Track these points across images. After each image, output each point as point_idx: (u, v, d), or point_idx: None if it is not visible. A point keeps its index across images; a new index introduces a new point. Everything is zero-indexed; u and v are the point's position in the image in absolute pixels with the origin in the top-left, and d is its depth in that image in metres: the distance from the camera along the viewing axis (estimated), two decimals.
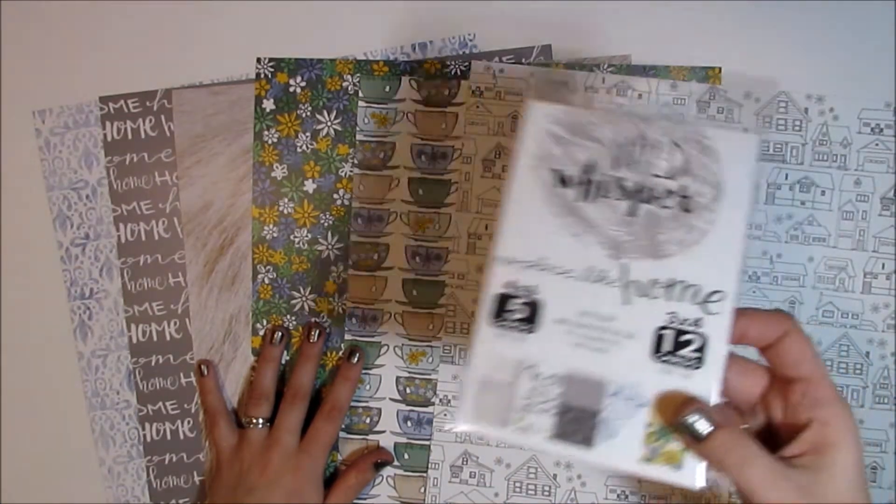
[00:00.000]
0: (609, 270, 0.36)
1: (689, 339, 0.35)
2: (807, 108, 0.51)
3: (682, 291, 0.36)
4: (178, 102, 0.54)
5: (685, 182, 0.37)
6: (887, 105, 0.50)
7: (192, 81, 0.53)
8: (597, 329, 0.35)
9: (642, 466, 0.35)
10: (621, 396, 0.35)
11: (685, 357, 0.35)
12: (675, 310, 0.35)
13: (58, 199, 0.54)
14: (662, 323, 0.35)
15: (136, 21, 0.54)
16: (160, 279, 0.54)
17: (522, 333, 0.36)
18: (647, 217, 0.37)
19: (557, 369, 0.35)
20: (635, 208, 0.37)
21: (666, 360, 0.35)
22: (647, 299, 0.36)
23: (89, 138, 0.54)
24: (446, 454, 0.53)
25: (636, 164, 0.37)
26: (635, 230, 0.36)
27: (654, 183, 0.37)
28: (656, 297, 0.36)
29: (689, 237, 0.36)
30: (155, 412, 0.54)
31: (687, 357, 0.35)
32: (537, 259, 0.36)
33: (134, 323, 0.54)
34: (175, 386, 0.54)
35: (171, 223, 0.54)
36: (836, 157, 0.51)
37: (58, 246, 0.54)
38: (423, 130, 0.52)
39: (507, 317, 0.36)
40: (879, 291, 0.51)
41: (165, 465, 0.54)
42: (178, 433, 0.54)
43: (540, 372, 0.35)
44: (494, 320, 0.36)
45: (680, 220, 0.36)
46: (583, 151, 0.37)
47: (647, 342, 0.35)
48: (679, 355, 0.35)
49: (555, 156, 0.37)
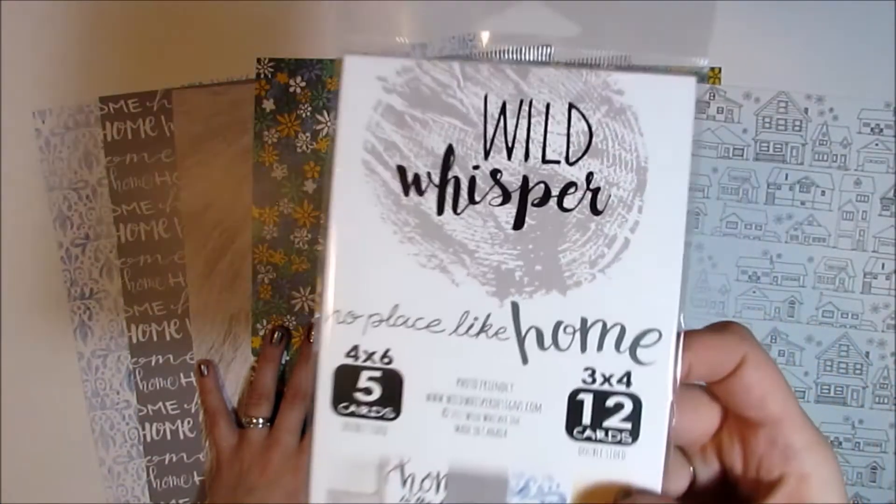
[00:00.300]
0: (493, 315, 0.25)
1: (617, 404, 0.25)
2: (807, 108, 0.51)
3: (602, 336, 0.25)
4: (178, 102, 0.54)
5: (592, 167, 0.25)
6: (887, 105, 0.50)
7: (192, 81, 0.53)
8: (486, 403, 0.26)
9: None
10: (531, 493, 0.26)
11: (613, 429, 0.25)
12: (594, 364, 0.25)
13: (58, 199, 0.54)
14: (577, 385, 0.25)
15: (136, 21, 0.54)
16: (160, 279, 0.54)
17: (380, 422, 0.26)
18: (540, 227, 0.26)
19: (437, 466, 0.26)
20: (522, 215, 0.26)
21: (588, 436, 0.25)
22: (554, 353, 0.25)
23: (89, 138, 0.54)
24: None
25: (517, 146, 0.25)
26: (526, 249, 0.25)
27: (545, 173, 0.25)
28: (565, 349, 0.25)
29: (604, 252, 0.25)
30: (155, 412, 0.54)
31: (616, 429, 0.25)
32: (386, 310, 0.26)
33: (134, 323, 0.54)
34: (175, 386, 0.54)
35: (171, 223, 0.54)
36: (836, 158, 0.50)
37: (58, 246, 0.54)
38: None
39: (355, 400, 0.26)
40: (879, 291, 0.51)
41: (165, 465, 0.54)
42: (178, 433, 0.54)
43: (413, 473, 0.26)
44: (337, 407, 0.26)
45: (589, 226, 0.25)
46: (435, 132, 0.26)
47: (558, 414, 0.25)
48: (605, 427, 0.25)
49: (392, 145, 0.26)
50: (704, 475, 0.29)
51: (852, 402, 0.51)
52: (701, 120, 0.51)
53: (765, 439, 0.27)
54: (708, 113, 0.51)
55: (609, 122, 0.26)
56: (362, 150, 0.26)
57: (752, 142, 0.51)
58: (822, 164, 0.51)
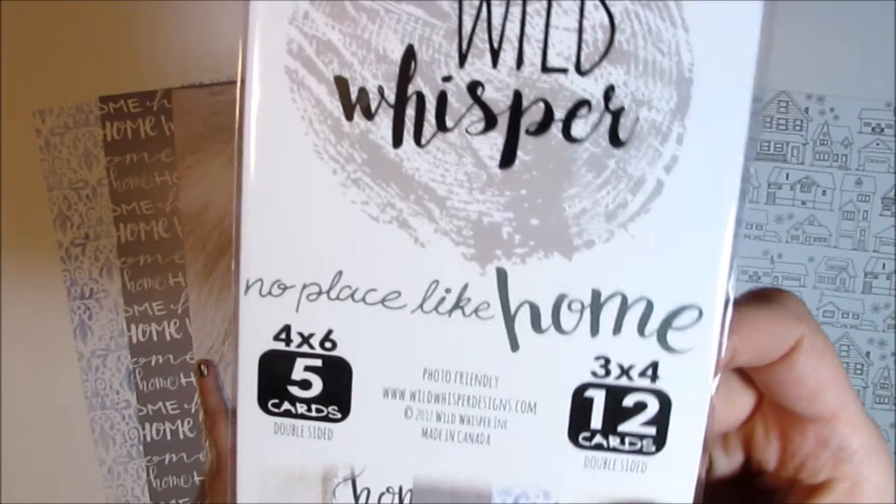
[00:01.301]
0: (472, 286, 0.19)
1: (638, 403, 0.19)
2: (807, 107, 0.51)
3: (621, 314, 0.19)
4: (178, 102, 0.54)
5: (613, 77, 0.18)
6: (888, 105, 0.50)
7: (192, 81, 0.53)
8: (462, 401, 0.19)
9: None
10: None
11: (632, 435, 0.19)
12: (608, 351, 0.19)
13: (58, 199, 0.54)
14: (585, 379, 0.19)
15: (136, 21, 0.54)
16: (160, 279, 0.54)
17: (324, 423, 0.20)
18: (538, 165, 0.18)
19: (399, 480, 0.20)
20: (512, 148, 0.18)
21: (597, 443, 0.19)
22: (554, 336, 0.19)
23: (89, 138, 0.54)
24: None
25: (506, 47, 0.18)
26: (517, 196, 0.18)
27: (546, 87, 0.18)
28: (570, 331, 0.19)
29: (627, 200, 0.18)
30: (155, 412, 0.54)
31: (635, 435, 0.19)
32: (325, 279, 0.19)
33: (134, 323, 0.54)
34: (175, 386, 0.54)
35: (171, 223, 0.54)
36: (837, 157, 0.50)
37: (58, 246, 0.54)
38: None
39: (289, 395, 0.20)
40: (880, 291, 0.51)
41: (165, 465, 0.54)
42: (178, 433, 0.54)
43: (367, 487, 0.20)
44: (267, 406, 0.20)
45: (607, 164, 0.18)
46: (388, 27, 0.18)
47: (559, 416, 0.19)
48: (620, 433, 0.19)
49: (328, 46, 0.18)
50: (723, 467, 0.24)
51: None
52: None
53: (814, 437, 0.22)
54: None
55: (640, 10, 0.17)
56: (284, 54, 0.18)
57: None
58: (823, 164, 0.50)
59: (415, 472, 0.20)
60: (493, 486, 0.20)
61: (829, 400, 0.22)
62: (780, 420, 0.23)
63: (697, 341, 0.19)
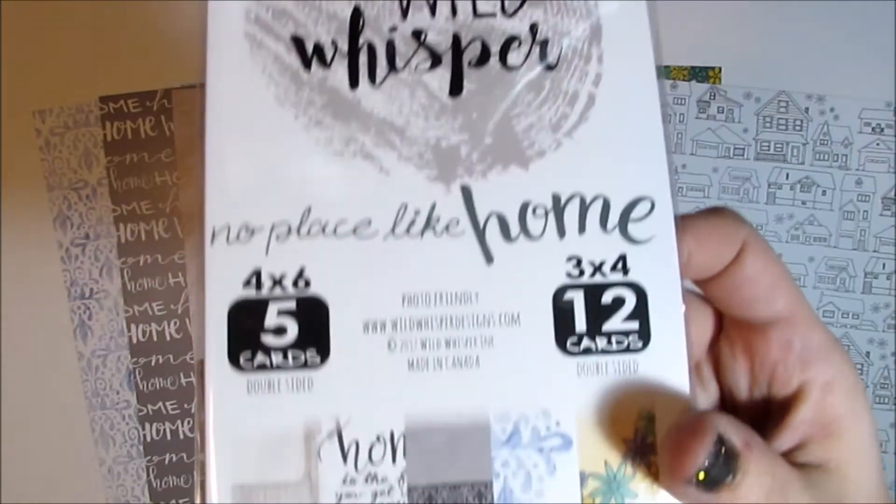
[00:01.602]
0: (440, 205, 0.20)
1: (616, 298, 0.20)
2: (807, 107, 0.51)
3: (582, 214, 0.20)
4: (178, 102, 0.54)
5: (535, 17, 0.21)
6: (888, 105, 0.50)
7: (192, 81, 0.53)
8: (445, 323, 0.19)
9: None
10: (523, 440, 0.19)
11: (617, 333, 0.20)
12: (577, 251, 0.20)
13: (58, 199, 0.54)
14: (561, 281, 0.20)
15: (136, 21, 0.54)
16: (160, 279, 0.54)
17: (303, 371, 0.19)
18: (483, 91, 0.20)
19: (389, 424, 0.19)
20: (459, 79, 0.20)
21: (586, 347, 0.20)
22: (524, 243, 0.20)
23: (89, 138, 0.54)
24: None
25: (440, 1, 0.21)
26: (469, 120, 0.20)
27: (480, 27, 0.20)
28: (538, 236, 0.20)
29: (567, 112, 0.20)
30: (155, 412, 0.54)
31: (620, 332, 0.20)
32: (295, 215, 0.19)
33: (134, 323, 0.54)
34: (175, 386, 0.54)
35: (171, 223, 0.54)
36: (837, 157, 0.50)
37: (58, 246, 0.54)
38: None
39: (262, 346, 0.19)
40: (880, 291, 0.51)
41: (165, 465, 0.54)
42: (178, 433, 0.54)
43: (355, 439, 0.19)
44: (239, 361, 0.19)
45: (543, 84, 0.20)
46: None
47: (543, 324, 0.20)
48: (605, 332, 0.20)
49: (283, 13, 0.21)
50: (702, 404, 0.24)
51: None
52: (702, 119, 0.51)
53: (777, 343, 0.22)
54: (709, 112, 0.51)
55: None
56: (244, 21, 0.21)
57: (752, 141, 0.51)
58: (823, 164, 0.50)
59: (406, 411, 0.19)
60: (489, 414, 0.19)
61: (784, 298, 0.22)
62: (742, 335, 0.23)
63: (656, 229, 0.20)
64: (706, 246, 0.21)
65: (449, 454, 0.19)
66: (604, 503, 0.19)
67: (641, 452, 0.19)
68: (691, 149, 0.51)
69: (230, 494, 0.19)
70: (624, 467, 0.19)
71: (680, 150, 0.51)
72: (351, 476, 0.19)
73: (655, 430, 0.19)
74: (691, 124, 0.51)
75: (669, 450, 0.19)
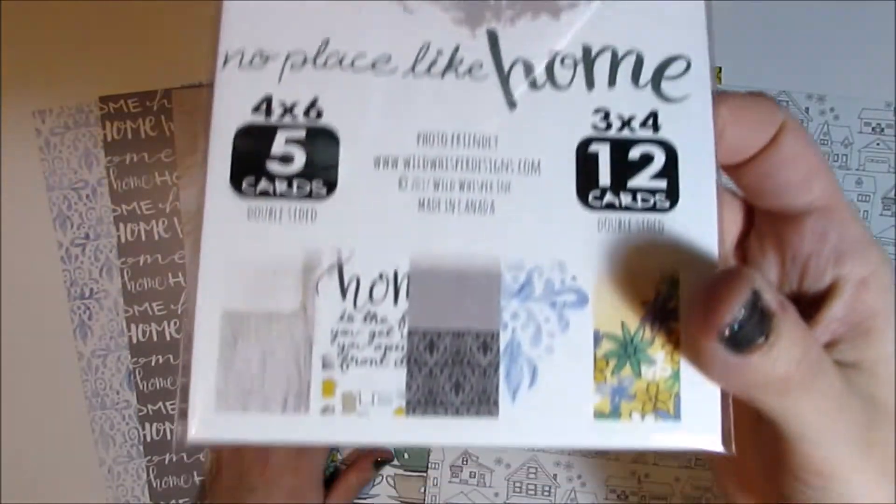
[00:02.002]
0: (464, 47, 0.19)
1: (644, 155, 0.19)
2: (807, 107, 0.51)
3: (613, 67, 0.19)
4: (178, 102, 0.54)
5: None
6: (888, 105, 0.50)
7: (192, 81, 0.53)
8: (461, 165, 0.18)
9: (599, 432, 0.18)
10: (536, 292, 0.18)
11: (643, 190, 0.19)
12: (606, 103, 0.19)
13: (58, 199, 0.54)
14: (587, 133, 0.19)
15: (136, 21, 0.54)
16: (160, 279, 0.54)
17: (307, 202, 0.18)
18: None
19: (394, 262, 0.18)
20: None
21: (608, 202, 0.19)
22: (550, 92, 0.19)
23: (89, 138, 0.54)
24: (446, 454, 0.52)
25: None
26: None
27: None
28: (565, 86, 0.19)
29: None
30: (155, 412, 0.54)
31: (646, 190, 0.19)
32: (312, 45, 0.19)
33: (134, 323, 0.54)
34: (175, 386, 0.54)
35: (171, 223, 0.54)
36: (837, 157, 0.50)
37: (58, 246, 0.54)
38: None
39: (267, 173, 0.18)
40: None
41: (165, 465, 0.54)
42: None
43: (356, 274, 0.18)
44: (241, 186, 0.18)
45: None
46: None
47: (564, 174, 0.19)
48: (630, 189, 0.19)
49: None
50: None
51: None
52: None
53: (811, 233, 0.20)
54: None
55: None
56: None
57: None
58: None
59: (412, 251, 0.18)
60: (501, 262, 0.18)
61: (820, 186, 0.20)
62: (774, 228, 0.21)
63: (691, 89, 0.19)
64: (742, 120, 0.20)
65: (455, 300, 0.18)
66: (618, 367, 0.18)
67: (661, 317, 0.18)
68: None
69: (219, 321, 0.18)
70: (642, 331, 0.18)
71: None
72: (349, 313, 0.18)
73: (679, 295, 0.18)
74: None
75: (702, 301, 0.17)
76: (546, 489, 0.52)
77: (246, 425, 0.17)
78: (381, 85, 0.18)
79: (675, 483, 0.52)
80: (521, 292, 0.18)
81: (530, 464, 0.52)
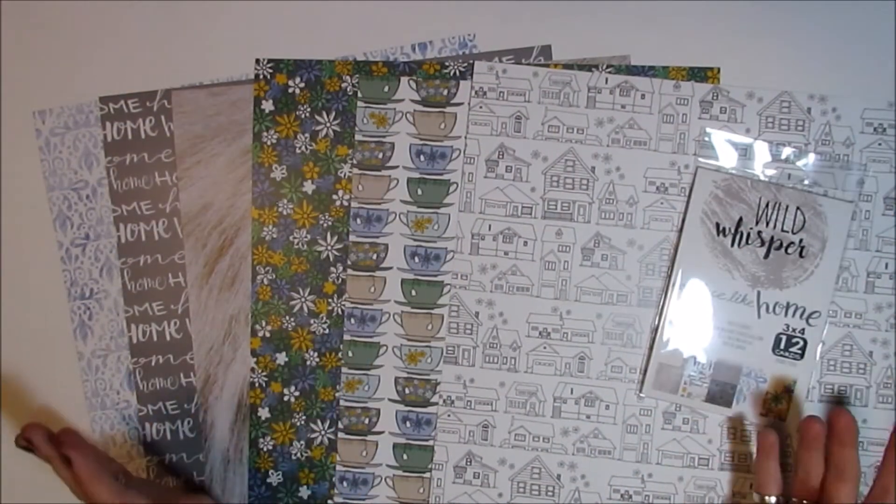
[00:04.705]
0: (749, 295, 0.50)
1: (796, 341, 0.50)
2: (809, 108, 0.50)
3: (794, 311, 0.50)
4: (178, 102, 0.53)
5: (802, 236, 0.49)
6: (889, 105, 0.50)
7: (192, 81, 0.53)
8: (738, 333, 0.50)
9: (761, 418, 0.51)
10: (751, 376, 0.50)
11: (793, 353, 0.50)
12: (789, 322, 0.50)
13: (58, 200, 0.54)
14: (780, 331, 0.50)
15: (136, 21, 0.54)
16: (160, 279, 0.54)
17: None
18: (776, 260, 0.50)
19: (711, 358, 0.51)
20: (769, 253, 0.50)
21: (781, 354, 0.50)
22: (772, 315, 0.50)
23: (89, 138, 0.54)
24: (450, 455, 0.52)
25: (771, 222, 0.50)
26: (768, 268, 0.50)
27: (781, 236, 0.50)
28: (777, 314, 0.49)
29: (802, 275, 0.50)
30: (155, 412, 0.54)
31: (794, 353, 0.50)
32: None
33: (134, 323, 0.54)
34: (175, 386, 0.54)
35: (171, 223, 0.54)
36: (839, 157, 0.50)
37: (58, 246, 0.54)
38: (422, 130, 0.52)
39: None
40: (882, 291, 0.50)
41: (165, 466, 0.55)
42: (178, 433, 0.54)
43: (699, 361, 0.51)
44: None
45: (797, 263, 0.50)
46: (735, 210, 0.50)
47: (769, 343, 0.50)
48: (790, 351, 0.50)
49: (715, 212, 0.50)
50: None
51: (856, 401, 0.51)
52: (704, 120, 0.51)
53: None
54: (711, 113, 0.51)
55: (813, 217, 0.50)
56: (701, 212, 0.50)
57: (755, 141, 0.51)
58: (825, 164, 0.50)
59: (718, 357, 0.57)
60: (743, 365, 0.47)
61: None
62: None
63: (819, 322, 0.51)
64: None
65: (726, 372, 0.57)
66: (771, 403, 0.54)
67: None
68: (693, 149, 0.51)
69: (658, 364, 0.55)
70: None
71: (682, 150, 0.51)
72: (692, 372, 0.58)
73: None
74: (693, 124, 0.51)
75: None
76: (550, 489, 0.52)
77: None
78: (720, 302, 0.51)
79: (679, 482, 0.52)
80: (746, 375, 0.53)
81: (534, 464, 0.52)
